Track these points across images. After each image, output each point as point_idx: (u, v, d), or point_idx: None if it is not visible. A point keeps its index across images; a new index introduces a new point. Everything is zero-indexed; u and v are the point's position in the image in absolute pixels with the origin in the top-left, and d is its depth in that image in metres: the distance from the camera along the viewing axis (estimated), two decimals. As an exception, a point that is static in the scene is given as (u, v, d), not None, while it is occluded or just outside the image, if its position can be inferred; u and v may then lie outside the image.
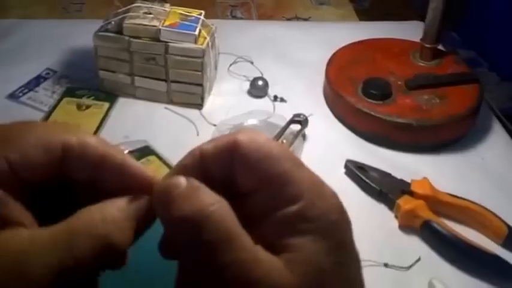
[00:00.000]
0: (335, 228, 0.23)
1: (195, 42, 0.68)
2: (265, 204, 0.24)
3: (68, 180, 0.26)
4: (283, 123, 0.66)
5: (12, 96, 0.73)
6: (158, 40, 0.68)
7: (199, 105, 0.72)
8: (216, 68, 0.77)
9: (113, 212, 0.24)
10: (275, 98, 0.75)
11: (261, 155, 0.24)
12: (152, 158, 0.62)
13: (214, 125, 0.69)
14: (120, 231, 0.24)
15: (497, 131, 0.72)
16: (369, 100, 0.68)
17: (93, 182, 0.26)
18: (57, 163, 0.25)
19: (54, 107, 0.71)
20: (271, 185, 0.24)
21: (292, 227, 0.23)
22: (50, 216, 0.24)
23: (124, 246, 0.24)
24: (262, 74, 0.78)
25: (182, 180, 0.24)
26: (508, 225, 0.56)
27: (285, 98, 0.75)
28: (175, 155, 0.61)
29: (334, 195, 0.24)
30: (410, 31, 0.84)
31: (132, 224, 0.25)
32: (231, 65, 0.80)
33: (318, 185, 0.24)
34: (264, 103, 0.74)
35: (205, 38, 0.69)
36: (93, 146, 0.26)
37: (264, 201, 0.24)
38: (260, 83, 0.75)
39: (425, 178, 0.59)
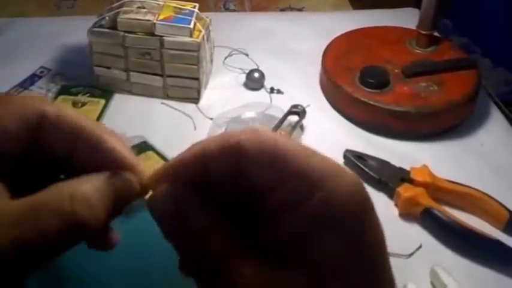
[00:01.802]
0: (362, 210, 0.23)
1: (190, 35, 0.67)
2: (285, 200, 0.23)
3: (46, 156, 0.26)
4: (280, 115, 0.66)
5: (7, 96, 0.73)
6: (153, 34, 0.67)
7: (195, 99, 0.72)
8: (211, 61, 0.77)
9: (84, 190, 0.23)
10: (272, 89, 0.74)
11: (269, 156, 0.23)
12: (150, 153, 0.62)
13: (211, 119, 0.68)
14: (90, 210, 0.23)
15: (495, 116, 0.72)
16: (367, 89, 0.68)
17: (69, 157, 0.26)
18: (33, 134, 0.25)
19: (50, 105, 0.70)
20: (287, 181, 0.23)
21: (321, 218, 0.22)
22: (28, 192, 0.23)
23: (93, 225, 0.23)
24: (258, 66, 0.78)
25: (171, 208, 0.24)
26: (508, 210, 0.56)
27: (281, 89, 0.74)
28: (173, 150, 0.61)
29: (355, 177, 0.23)
30: (405, 18, 0.84)
31: (105, 204, 0.24)
32: (226, 57, 0.80)
33: (336, 171, 0.23)
34: (261, 95, 0.74)
35: (200, 31, 0.68)
36: (70, 118, 0.26)
37: (283, 197, 0.23)
38: (256, 75, 0.74)
39: (424, 165, 0.59)
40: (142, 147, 0.63)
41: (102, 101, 0.71)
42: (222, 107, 0.70)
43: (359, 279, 0.22)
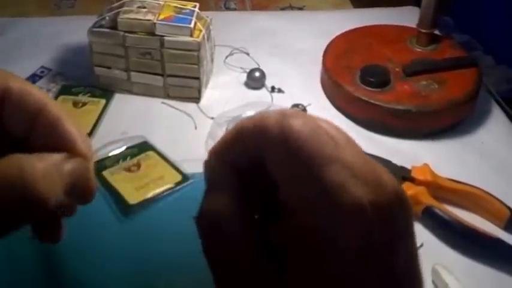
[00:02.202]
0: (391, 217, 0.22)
1: (191, 35, 0.67)
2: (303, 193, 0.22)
3: (3, 133, 0.26)
4: (281, 114, 0.66)
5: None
6: (153, 34, 0.67)
7: (196, 99, 0.72)
8: (212, 60, 0.77)
9: (44, 164, 0.23)
10: (272, 89, 0.74)
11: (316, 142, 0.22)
12: (151, 153, 0.62)
13: (212, 118, 0.68)
14: (48, 185, 0.23)
15: (496, 114, 0.72)
16: (367, 88, 0.68)
17: (27, 136, 0.26)
18: None
19: (51, 105, 0.70)
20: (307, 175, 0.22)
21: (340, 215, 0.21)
22: None
23: (50, 200, 0.23)
24: (258, 65, 0.77)
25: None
26: (509, 208, 0.56)
27: (282, 88, 0.74)
28: (173, 150, 0.62)
29: (392, 181, 0.22)
30: (405, 17, 0.84)
31: (60, 180, 0.24)
32: (227, 57, 0.80)
33: (369, 168, 0.22)
34: (262, 94, 0.74)
35: (200, 30, 0.68)
36: (33, 95, 0.25)
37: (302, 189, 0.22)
38: (257, 74, 0.74)
39: (425, 164, 0.59)
40: (143, 147, 0.63)
41: (103, 101, 0.71)
42: (222, 107, 0.70)
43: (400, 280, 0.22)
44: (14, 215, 0.22)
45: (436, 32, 0.76)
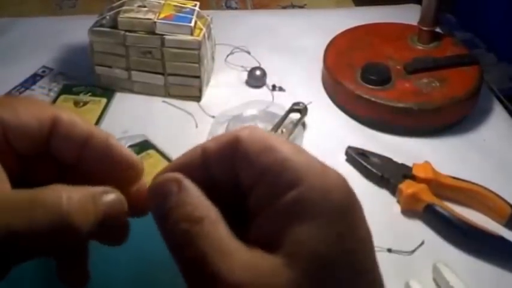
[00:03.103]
0: (341, 211, 0.22)
1: (191, 34, 0.67)
2: (264, 196, 0.23)
3: (52, 160, 0.27)
4: (282, 113, 0.66)
5: (10, 95, 0.73)
6: (154, 33, 0.67)
7: (197, 98, 0.72)
8: (213, 59, 0.77)
9: (80, 195, 0.24)
10: (273, 87, 0.74)
11: (260, 147, 0.24)
12: (152, 152, 0.62)
13: (213, 117, 0.68)
14: (82, 215, 0.23)
15: (498, 112, 0.72)
16: (368, 86, 0.68)
17: (77, 164, 0.27)
18: (46, 136, 0.26)
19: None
20: (268, 174, 0.23)
21: (292, 215, 0.22)
22: None
23: (82, 230, 0.23)
24: (259, 63, 0.77)
25: (174, 188, 0.24)
26: (511, 206, 0.55)
27: (283, 87, 0.74)
28: (174, 149, 0.62)
29: (337, 176, 0.23)
30: (407, 14, 0.84)
31: (96, 214, 0.24)
32: (227, 56, 0.80)
33: (319, 168, 0.23)
34: (263, 93, 0.74)
35: (201, 29, 0.68)
36: (80, 123, 0.27)
37: (263, 193, 0.23)
38: (258, 72, 0.74)
39: (426, 162, 0.59)
40: (144, 145, 0.63)
41: (104, 100, 0.71)
42: (223, 105, 0.70)
43: (343, 272, 0.22)
44: (45, 241, 0.23)
45: (438, 29, 0.76)
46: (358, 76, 0.69)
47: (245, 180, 0.24)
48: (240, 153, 0.24)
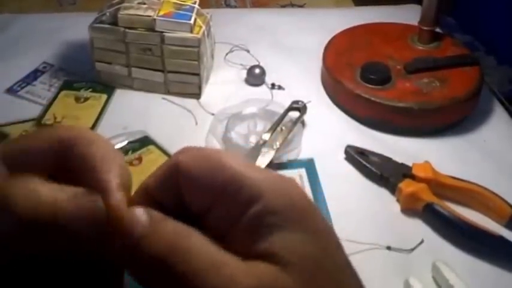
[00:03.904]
0: (307, 215, 0.22)
1: (191, 31, 0.67)
2: (226, 216, 0.22)
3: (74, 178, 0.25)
4: (281, 111, 0.66)
5: (11, 91, 0.73)
6: (153, 30, 0.67)
7: (196, 95, 0.72)
8: (212, 57, 0.77)
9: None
10: (273, 85, 0.74)
11: (205, 169, 0.22)
12: (152, 148, 0.62)
13: (213, 114, 0.68)
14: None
15: (499, 113, 0.72)
16: (368, 85, 0.68)
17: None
18: (62, 157, 0.24)
19: (53, 101, 0.70)
20: (225, 193, 0.22)
21: (263, 227, 0.21)
22: None
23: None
24: (258, 62, 0.77)
25: (143, 217, 0.22)
26: (511, 206, 0.55)
27: (282, 85, 0.74)
28: (174, 145, 0.62)
29: (294, 185, 0.23)
30: (407, 14, 0.84)
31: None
32: (227, 54, 0.80)
33: (275, 179, 0.23)
34: (262, 91, 0.74)
35: (200, 27, 0.68)
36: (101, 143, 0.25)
37: (224, 213, 0.22)
38: (257, 71, 0.74)
39: (426, 162, 0.59)
40: (144, 141, 0.63)
41: (104, 96, 0.71)
42: (223, 103, 0.70)
43: (329, 269, 0.21)
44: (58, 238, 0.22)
45: (438, 29, 0.76)
46: (358, 75, 0.69)
47: (196, 206, 0.23)
48: (184, 180, 0.23)
